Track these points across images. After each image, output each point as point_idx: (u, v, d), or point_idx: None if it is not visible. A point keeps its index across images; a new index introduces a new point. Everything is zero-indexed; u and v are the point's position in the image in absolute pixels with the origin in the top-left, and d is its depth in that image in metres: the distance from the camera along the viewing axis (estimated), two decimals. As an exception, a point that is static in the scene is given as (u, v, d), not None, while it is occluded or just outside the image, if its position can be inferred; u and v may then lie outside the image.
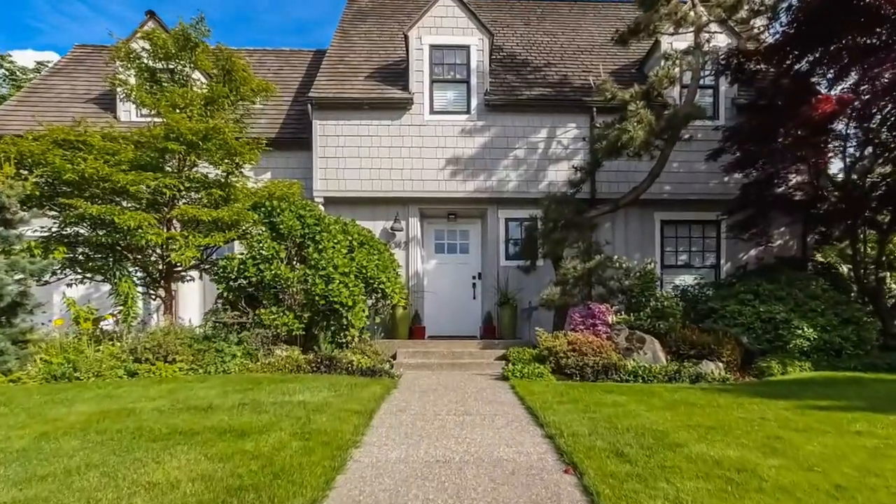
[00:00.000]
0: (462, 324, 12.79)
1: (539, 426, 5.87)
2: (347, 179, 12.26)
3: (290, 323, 9.44)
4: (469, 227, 13.13)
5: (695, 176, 12.62)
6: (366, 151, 12.28)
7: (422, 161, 12.32)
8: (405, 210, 12.57)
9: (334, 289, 9.40)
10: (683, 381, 8.57)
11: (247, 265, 9.33)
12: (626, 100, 10.24)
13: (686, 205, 12.78)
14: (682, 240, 13.11)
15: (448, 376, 9.25)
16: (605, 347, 9.01)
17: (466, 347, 10.87)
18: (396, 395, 7.60)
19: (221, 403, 6.47)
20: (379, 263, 10.24)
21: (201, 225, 9.62)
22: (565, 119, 12.48)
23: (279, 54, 15.49)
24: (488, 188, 12.38)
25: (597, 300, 10.59)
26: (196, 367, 8.49)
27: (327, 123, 12.23)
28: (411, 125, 12.33)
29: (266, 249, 9.39)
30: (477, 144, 12.38)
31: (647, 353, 9.27)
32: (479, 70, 12.36)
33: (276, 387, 7.51)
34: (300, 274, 9.54)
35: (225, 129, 9.00)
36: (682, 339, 9.46)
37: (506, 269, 12.57)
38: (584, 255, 10.88)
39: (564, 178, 12.30)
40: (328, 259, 9.56)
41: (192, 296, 12.50)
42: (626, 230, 12.85)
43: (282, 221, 9.54)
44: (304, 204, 9.95)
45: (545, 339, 9.35)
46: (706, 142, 12.54)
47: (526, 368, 8.84)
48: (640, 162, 12.10)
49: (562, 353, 8.93)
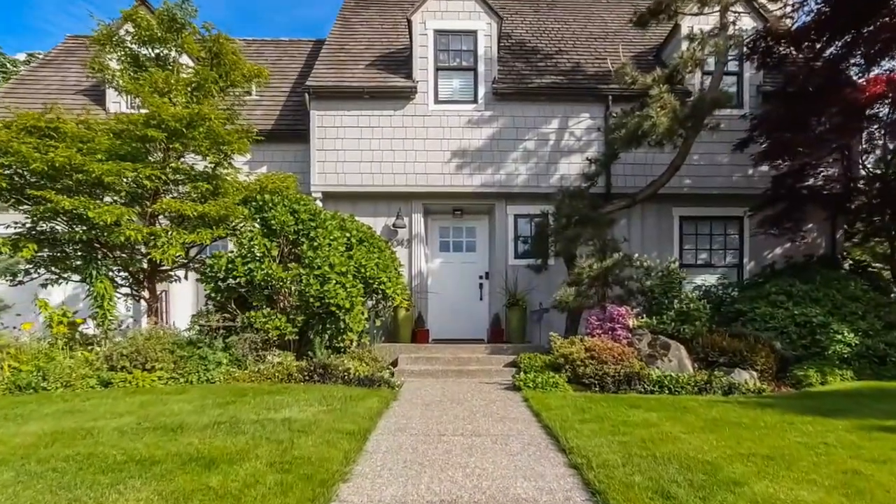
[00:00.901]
0: (468, 326, 11.84)
1: (561, 452, 4.92)
2: (347, 173, 11.34)
3: (282, 326, 8.52)
4: (476, 224, 12.18)
5: (717, 169, 11.63)
6: (366, 144, 11.35)
7: (426, 154, 11.38)
8: (408, 206, 11.64)
9: (330, 290, 8.48)
10: (715, 392, 7.60)
11: (235, 264, 8.42)
12: (647, 84, 9.26)
13: (707, 200, 11.78)
14: (702, 237, 12.12)
15: (454, 386, 8.31)
16: (626, 355, 8.04)
17: (473, 353, 9.92)
18: (396, 408, 6.67)
19: (195, 422, 5.55)
20: (379, 262, 9.31)
21: (187, 221, 8.72)
22: (578, 108, 11.51)
23: (278, 45, 14.58)
24: (496, 182, 11.43)
25: (614, 302, 9.61)
26: (177, 376, 7.59)
27: (326, 114, 11.30)
28: (415, 115, 11.39)
29: (257, 247, 8.48)
30: (484, 136, 11.43)
31: (671, 361, 8.30)
32: (487, 57, 11.41)
33: (261, 400, 6.59)
34: (293, 273, 8.62)
35: (211, 116, 8.08)
36: (711, 344, 8.48)
37: (515, 268, 11.62)
38: (599, 254, 9.91)
39: (577, 172, 11.32)
40: (324, 257, 8.64)
41: (183, 297, 11.61)
42: (643, 227, 11.87)
43: (273, 217, 8.62)
44: (299, 198, 9.03)
45: (560, 345, 8.39)
46: (729, 132, 11.50)
47: (539, 378, 7.89)
48: (659, 154, 11.18)
49: (579, 361, 7.97)
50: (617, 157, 10.57)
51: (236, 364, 8.24)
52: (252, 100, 12.54)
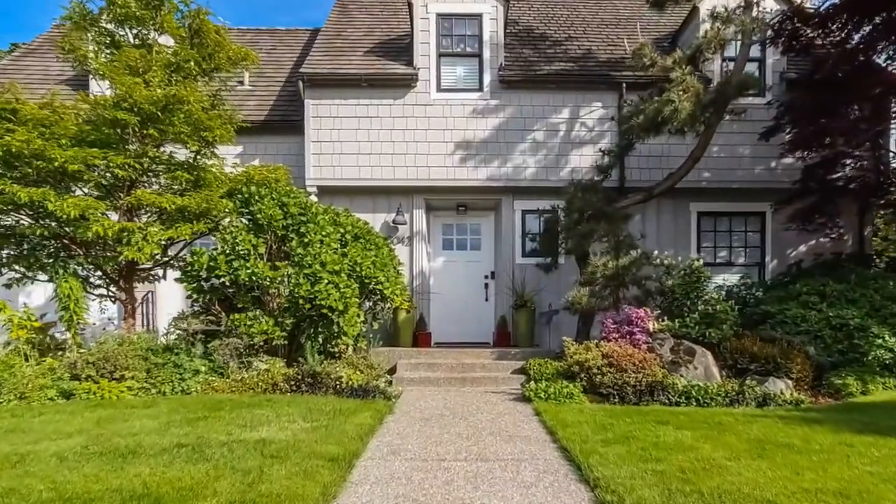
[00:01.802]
0: (473, 329, 10.94)
1: (584, 483, 4.02)
2: (344, 166, 10.46)
3: (269, 330, 7.64)
4: (481, 221, 11.28)
5: (738, 161, 10.69)
6: (364, 135, 10.47)
7: (427, 145, 10.49)
8: (409, 201, 10.75)
9: (322, 290, 7.60)
10: (748, 403, 6.67)
11: (218, 262, 7.55)
12: (667, 67, 8.35)
13: (727, 194, 10.84)
14: (721, 234, 11.17)
15: (457, 396, 7.41)
16: (647, 362, 7.12)
17: (478, 358, 9.02)
18: (391, 425, 5.77)
19: (153, 444, 4.67)
20: (377, 260, 8.43)
21: (166, 215, 7.85)
22: (590, 97, 10.59)
23: (273, 34, 13.71)
24: (503, 176, 10.53)
25: (630, 303, 8.69)
26: (149, 386, 6.72)
27: (321, 103, 10.43)
28: (416, 105, 10.51)
29: (241, 243, 7.60)
30: (490, 126, 10.53)
31: (697, 369, 7.38)
32: (493, 42, 10.51)
33: (237, 415, 5.71)
34: (282, 273, 7.75)
35: (190, 99, 7.21)
36: (740, 350, 7.55)
37: (522, 267, 10.71)
38: (614, 251, 9.00)
39: (589, 164, 10.41)
40: (315, 255, 7.76)
41: (172, 298, 10.72)
42: (658, 223, 10.94)
43: (260, 210, 7.75)
44: (289, 190, 8.15)
45: (575, 351, 7.48)
46: (750, 122, 10.60)
47: (552, 387, 6.98)
48: (676, 145, 10.32)
49: (595, 369, 7.05)
50: (632, 147, 9.66)
51: (217, 372, 7.38)
52: (245, 90, 11.70)
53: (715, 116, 8.51)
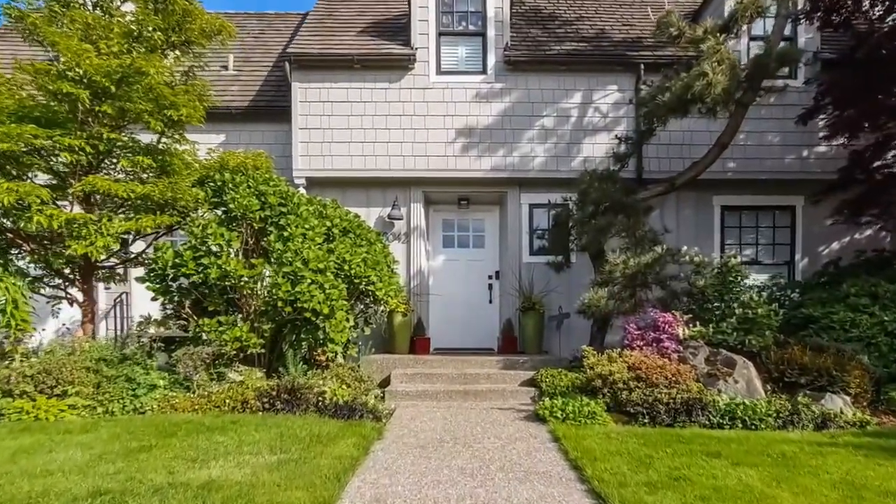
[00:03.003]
0: (476, 334, 9.78)
1: (634, 555, 2.87)
2: (335, 156, 9.31)
3: (243, 337, 6.49)
4: (484, 216, 10.13)
5: (767, 150, 9.52)
6: (357, 121, 9.33)
7: (426, 133, 9.35)
8: (406, 194, 9.60)
9: (304, 291, 6.45)
10: (804, 426, 5.50)
11: (184, 259, 6.40)
12: (696, 38, 7.20)
13: (753, 186, 9.67)
14: (747, 230, 10.00)
15: (458, 414, 6.25)
16: (682, 375, 5.96)
17: (483, 367, 7.87)
18: (379, 455, 4.61)
19: (67, 489, 3.51)
20: (368, 257, 7.28)
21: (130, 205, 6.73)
22: (605, 80, 9.44)
23: (262, 17, 12.58)
24: (508, 166, 9.38)
25: (654, 306, 7.53)
26: (96, 404, 5.57)
27: (310, 86, 9.30)
28: (413, 88, 9.36)
29: (212, 238, 6.45)
30: (494, 112, 9.38)
31: (738, 382, 6.20)
32: (498, 19, 9.37)
33: (191, 443, 4.55)
34: (258, 271, 6.60)
35: (150, 71, 6.07)
36: (786, 360, 6.38)
37: (530, 266, 9.55)
38: (635, 248, 7.84)
39: (603, 153, 9.27)
40: (296, 251, 6.61)
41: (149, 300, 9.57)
42: (678, 218, 9.77)
43: (233, 200, 6.60)
44: (267, 178, 7.00)
45: (596, 361, 6.31)
46: (780, 107, 9.47)
47: (570, 405, 5.81)
48: (698, 133, 9.25)
49: (621, 384, 5.89)
50: (653, 133, 8.49)
51: (183, 386, 6.23)
52: (229, 75, 10.58)
53: (749, 94, 7.36)
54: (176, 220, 6.82)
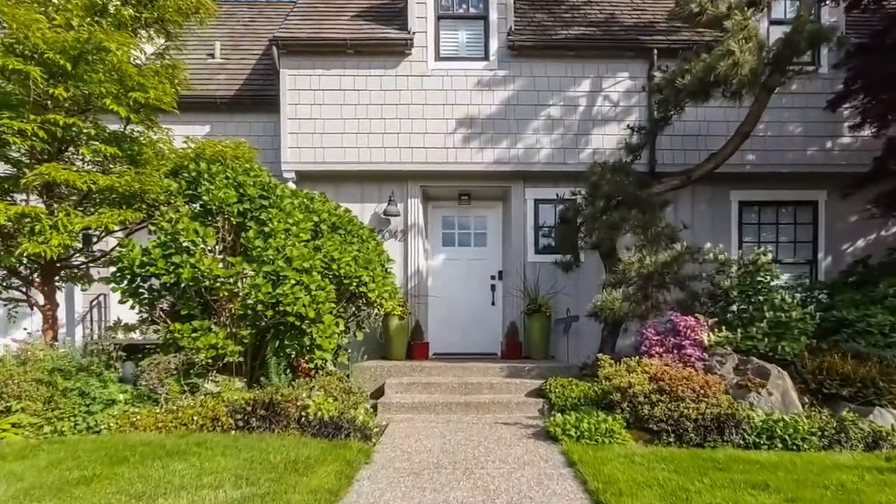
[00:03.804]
0: (477, 338, 9.02)
1: None
2: (326, 148, 8.57)
3: (218, 344, 5.74)
4: (487, 212, 9.37)
5: (788, 141, 8.76)
6: (350, 111, 8.58)
7: (424, 123, 8.60)
8: (403, 189, 8.85)
9: (286, 293, 5.70)
10: (853, 446, 4.75)
11: (153, 257, 5.65)
12: (720, 14, 6.44)
13: (773, 180, 8.90)
14: (766, 227, 9.24)
15: (458, 430, 5.49)
16: (711, 386, 5.19)
17: (485, 375, 7.11)
18: (364, 486, 3.85)
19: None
20: (359, 256, 6.53)
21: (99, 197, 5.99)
22: (615, 66, 8.68)
23: (253, 5, 11.81)
24: (512, 159, 8.62)
25: (673, 308, 6.76)
26: (44, 422, 4.82)
27: (300, 73, 8.55)
28: (410, 76, 8.61)
29: (184, 233, 5.70)
30: (497, 101, 8.63)
31: (772, 395, 5.43)
32: (501, 2, 8.60)
33: (142, 472, 3.80)
34: (235, 270, 5.85)
35: (112, 47, 5.33)
36: (825, 370, 5.61)
37: (535, 265, 8.80)
38: (651, 245, 7.10)
39: (614, 145, 8.52)
40: (278, 248, 5.87)
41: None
42: (693, 214, 8.98)
43: (208, 191, 5.85)
44: (248, 168, 6.25)
45: (613, 371, 5.55)
46: (803, 95, 8.74)
47: (585, 422, 5.04)
48: (715, 123, 8.57)
49: (642, 397, 5.13)
50: (668, 121, 7.75)
51: (152, 399, 5.48)
52: (215, 63, 9.85)
53: (776, 77, 6.60)
54: (143, 214, 6.05)
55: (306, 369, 6.61)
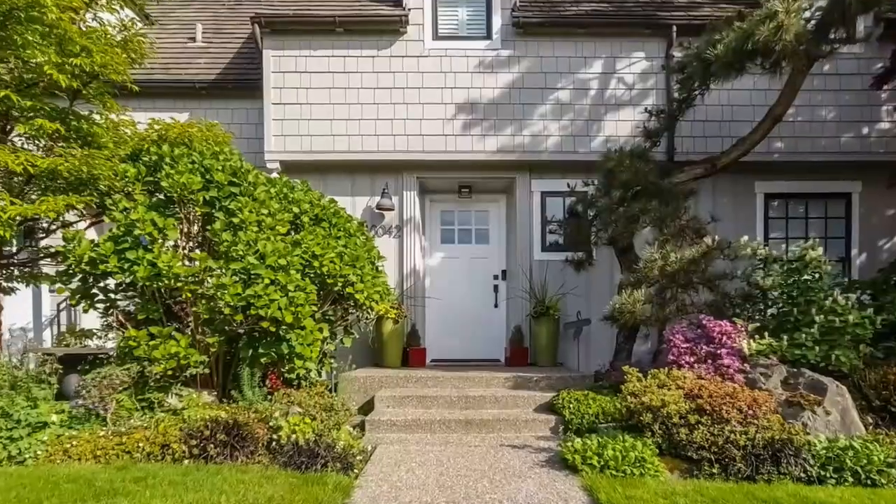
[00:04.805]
0: (479, 344, 8.12)
1: None
2: (314, 136, 7.67)
3: (181, 353, 4.83)
4: (489, 206, 8.46)
5: (821, 127, 7.83)
6: (340, 95, 7.68)
7: (421, 108, 7.70)
8: (398, 181, 7.95)
9: (259, 294, 4.80)
10: (940, 480, 3.82)
11: (102, 252, 4.74)
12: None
13: (801, 170, 7.99)
14: (794, 222, 8.32)
15: (458, 455, 4.55)
16: (760, 405, 4.26)
17: (488, 387, 6.18)
18: (336, 544, 2.93)
19: None
20: (345, 252, 5.61)
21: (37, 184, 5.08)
22: (629, 45, 7.77)
23: (240, -11, 11.00)
24: (517, 147, 7.71)
25: (703, 311, 5.84)
26: (-43, 452, 3.91)
27: (285, 54, 7.66)
28: (406, 56, 7.72)
29: (140, 225, 4.79)
30: (501, 84, 7.73)
31: (829, 414, 4.49)
32: (504, -25, 7.74)
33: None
34: (200, 268, 4.94)
35: (47, 2, 4.44)
36: (893, 384, 4.68)
37: (542, 264, 7.89)
38: (675, 239, 6.17)
39: (628, 132, 7.63)
40: (249, 242, 4.96)
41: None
42: (714, 208, 8.01)
43: (168, 176, 4.94)
44: (217, 151, 5.34)
45: (641, 387, 4.60)
46: (836, 76, 7.83)
47: (608, 448, 4.09)
48: (740, 108, 7.75)
49: (677, 417, 4.21)
50: (692, 102, 6.85)
51: (98, 419, 4.56)
52: (196, 47, 8.94)
53: (822, 45, 5.66)
54: (89, 198, 5.11)
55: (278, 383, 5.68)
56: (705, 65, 6.00)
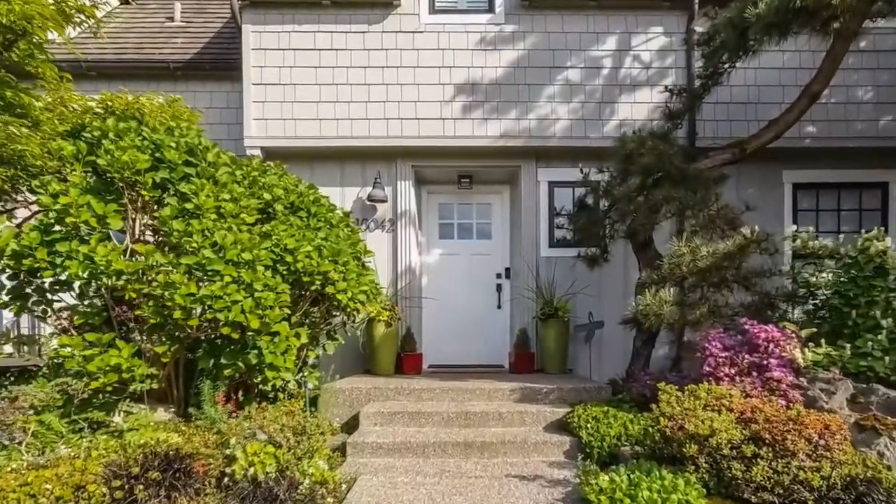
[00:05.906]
0: (481, 348, 7.17)
1: None
2: (299, 120, 6.73)
3: (124, 365, 3.89)
4: (492, 198, 7.50)
5: (857, 109, 6.87)
6: (328, 75, 6.74)
7: (416, 90, 6.74)
8: (391, 169, 7.01)
9: (216, 294, 3.85)
10: None
11: (26, 244, 3.80)
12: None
13: (835, 158, 7.02)
14: (825, 214, 7.34)
15: (455, 491, 3.58)
16: (834, 434, 3.29)
17: (491, 401, 5.21)
18: None
19: None
20: (325, 245, 4.66)
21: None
22: (647, 20, 6.81)
23: (226, -30, 10.07)
24: (523, 131, 6.76)
25: (740, 313, 4.88)
26: None
27: (266, 30, 6.72)
28: (400, 32, 6.77)
29: (74, 212, 3.85)
30: (504, 62, 6.77)
31: (911, 441, 3.54)
32: (508, -58, 6.79)
33: None
34: (146, 263, 3.99)
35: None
36: None
37: (549, 261, 6.94)
38: (705, 231, 5.21)
39: (645, 115, 6.69)
40: (205, 231, 4.01)
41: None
42: (739, 199, 7.01)
43: (108, 152, 3.99)
44: (171, 126, 4.40)
45: (680, 411, 3.62)
46: (873, 53, 6.87)
47: (643, 488, 3.12)
48: (767, 88, 6.86)
49: (727, 450, 3.24)
50: (718, 79, 5.87)
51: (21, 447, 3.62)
52: (174, 27, 8.01)
53: (882, 4, 4.70)
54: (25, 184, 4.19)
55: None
56: (739, 32, 5.04)
